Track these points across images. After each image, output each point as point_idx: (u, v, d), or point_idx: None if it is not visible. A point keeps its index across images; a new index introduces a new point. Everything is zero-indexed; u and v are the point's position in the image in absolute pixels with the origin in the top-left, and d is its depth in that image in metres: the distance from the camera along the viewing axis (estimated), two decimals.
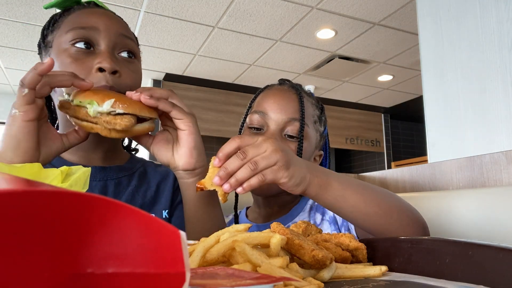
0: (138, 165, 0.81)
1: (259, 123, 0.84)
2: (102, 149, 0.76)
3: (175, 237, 0.19)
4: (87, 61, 0.67)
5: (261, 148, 0.56)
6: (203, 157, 0.67)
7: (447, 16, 1.82)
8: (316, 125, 0.91)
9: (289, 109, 0.84)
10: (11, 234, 0.16)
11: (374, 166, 6.23)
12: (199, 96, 4.93)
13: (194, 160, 0.65)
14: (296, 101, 0.86)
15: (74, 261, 0.18)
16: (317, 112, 0.92)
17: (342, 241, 0.45)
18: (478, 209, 0.93)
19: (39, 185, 0.21)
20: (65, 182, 0.41)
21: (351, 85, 4.97)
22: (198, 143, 0.65)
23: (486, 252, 0.34)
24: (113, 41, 0.71)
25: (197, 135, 0.64)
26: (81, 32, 0.69)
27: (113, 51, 0.71)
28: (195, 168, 0.66)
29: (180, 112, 0.62)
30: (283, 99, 0.86)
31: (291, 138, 0.83)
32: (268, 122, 0.84)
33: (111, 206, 0.18)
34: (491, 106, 1.59)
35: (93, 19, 0.71)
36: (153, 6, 3.07)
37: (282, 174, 0.56)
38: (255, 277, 0.25)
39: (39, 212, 0.17)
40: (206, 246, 0.34)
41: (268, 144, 0.57)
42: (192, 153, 0.64)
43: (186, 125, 0.63)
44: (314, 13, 3.19)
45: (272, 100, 0.86)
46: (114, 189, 0.74)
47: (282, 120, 0.83)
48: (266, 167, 0.55)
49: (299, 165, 0.59)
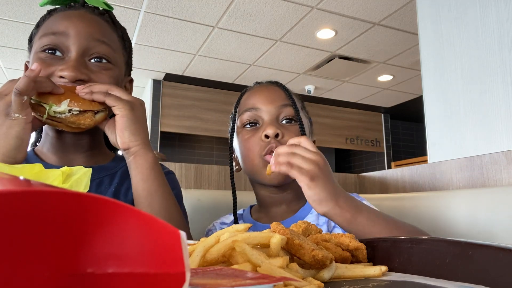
0: (121, 164, 0.81)
1: (252, 118, 0.86)
2: (82, 150, 0.77)
3: (175, 237, 0.19)
4: (52, 68, 0.69)
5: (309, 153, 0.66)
6: (137, 137, 0.69)
7: (447, 16, 1.82)
8: (304, 113, 0.92)
9: (278, 98, 0.87)
10: (11, 234, 0.16)
11: (374, 166, 6.23)
12: (199, 96, 4.93)
13: (126, 140, 0.69)
14: (280, 91, 0.89)
15: (74, 261, 0.18)
16: (300, 102, 0.94)
17: (342, 241, 0.45)
18: (478, 209, 0.93)
19: (39, 185, 0.21)
20: (65, 183, 0.41)
21: (351, 85, 4.98)
22: (129, 125, 0.68)
23: (486, 252, 0.34)
24: (83, 46, 0.70)
25: (128, 117, 0.68)
26: (51, 39, 0.70)
27: (82, 58, 0.70)
28: (128, 147, 0.69)
29: (113, 100, 0.67)
30: (269, 91, 0.89)
31: (289, 122, 0.86)
32: (261, 115, 0.85)
33: (111, 206, 0.18)
34: (491, 106, 1.59)
35: (65, 23, 0.71)
36: (153, 6, 3.07)
37: (304, 179, 0.63)
38: (255, 277, 0.25)
39: (39, 212, 0.17)
40: (206, 246, 0.34)
41: (318, 156, 0.66)
42: (124, 133, 0.68)
43: (119, 109, 0.67)
44: (314, 13, 3.19)
45: (258, 95, 0.88)
46: (95, 189, 0.75)
47: (274, 108, 0.85)
48: (299, 165, 0.64)
49: (325, 186, 0.64)
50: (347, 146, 5.87)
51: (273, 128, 0.81)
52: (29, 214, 0.16)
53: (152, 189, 0.70)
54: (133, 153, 0.70)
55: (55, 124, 0.67)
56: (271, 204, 0.89)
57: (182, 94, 4.85)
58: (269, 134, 0.81)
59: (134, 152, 0.70)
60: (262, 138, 0.82)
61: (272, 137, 0.81)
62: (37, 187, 0.17)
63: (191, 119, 4.86)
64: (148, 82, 4.79)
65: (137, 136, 0.69)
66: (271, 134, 0.81)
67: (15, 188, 0.16)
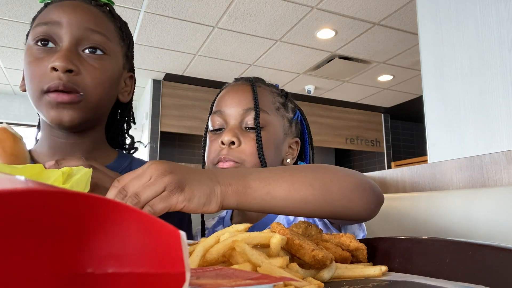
0: (125, 164, 0.80)
1: (218, 123, 0.83)
2: (82, 150, 0.75)
3: (175, 237, 0.19)
4: (45, 60, 0.66)
5: (143, 178, 0.49)
6: None
7: (447, 16, 1.82)
8: (280, 111, 0.87)
9: (243, 101, 0.82)
10: (11, 234, 0.16)
11: (374, 166, 6.23)
12: (199, 96, 4.93)
13: None
14: (249, 92, 0.83)
15: (74, 261, 0.18)
16: (279, 99, 0.89)
17: (343, 241, 0.45)
18: (478, 209, 0.93)
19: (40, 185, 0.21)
20: (66, 184, 0.41)
21: (351, 85, 4.97)
22: None
23: (486, 252, 0.34)
24: (76, 36, 0.67)
25: None
26: (43, 29, 0.67)
27: (75, 48, 0.68)
28: None
29: None
30: (237, 92, 0.85)
31: (251, 129, 0.81)
32: (226, 118, 0.82)
33: (111, 206, 0.18)
34: (491, 106, 1.59)
35: (58, 13, 0.68)
36: (153, 6, 3.07)
37: (176, 198, 0.48)
38: (255, 277, 0.25)
39: (39, 212, 0.17)
40: (206, 246, 0.34)
41: (152, 170, 0.49)
42: None
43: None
44: (314, 13, 3.19)
45: (226, 97, 0.85)
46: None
47: (238, 112, 0.81)
48: (153, 196, 0.47)
49: (199, 180, 0.51)
50: (347, 146, 5.87)
51: (228, 135, 0.78)
52: (29, 214, 0.16)
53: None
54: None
55: None
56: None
57: (182, 94, 4.85)
58: (224, 141, 0.78)
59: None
60: (220, 144, 0.79)
61: (227, 145, 0.78)
62: (37, 187, 0.17)
63: (191, 119, 4.86)
64: (148, 82, 4.79)
65: None
66: (226, 142, 0.78)
67: (15, 188, 0.16)
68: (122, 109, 0.88)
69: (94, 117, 0.73)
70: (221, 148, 0.79)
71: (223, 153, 0.78)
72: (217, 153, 0.79)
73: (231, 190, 0.53)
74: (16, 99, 5.20)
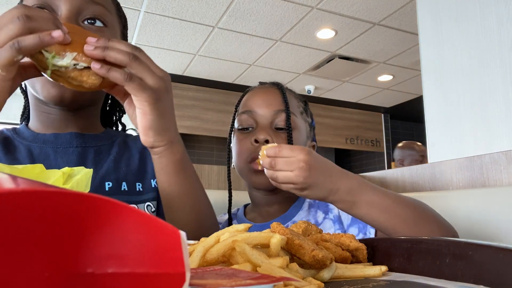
0: (116, 136, 0.79)
1: (248, 122, 0.87)
2: (75, 126, 0.73)
3: (175, 237, 0.19)
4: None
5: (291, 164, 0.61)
6: (164, 137, 0.59)
7: (447, 16, 1.82)
8: (303, 116, 0.92)
9: (274, 102, 0.87)
10: (11, 234, 0.16)
11: (374, 166, 6.23)
12: (199, 96, 4.93)
13: (151, 140, 0.58)
14: (279, 95, 0.88)
15: (74, 261, 0.18)
16: (301, 104, 0.94)
17: (343, 241, 0.45)
18: (478, 209, 0.93)
19: (40, 185, 0.21)
20: (66, 184, 0.41)
21: (351, 85, 4.97)
22: (155, 123, 0.57)
23: (486, 252, 0.34)
24: (76, 6, 0.65)
25: (153, 115, 0.55)
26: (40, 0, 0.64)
27: (75, 18, 0.65)
28: (153, 146, 0.60)
29: (134, 89, 0.53)
30: (267, 94, 0.89)
31: (280, 130, 0.85)
32: (257, 118, 0.86)
33: (111, 206, 0.18)
34: (491, 106, 1.59)
35: None
36: (153, 6, 3.07)
37: (293, 191, 0.63)
38: (255, 277, 0.25)
39: (39, 212, 0.17)
40: (206, 246, 0.34)
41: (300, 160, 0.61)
42: (148, 133, 0.58)
43: (141, 104, 0.54)
44: (314, 13, 3.19)
45: (256, 98, 0.89)
46: (94, 156, 0.72)
47: (269, 113, 0.85)
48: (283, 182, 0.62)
49: (321, 187, 0.62)
50: (347, 146, 5.87)
51: (263, 134, 0.82)
52: (29, 214, 0.16)
53: (181, 191, 0.63)
54: (158, 153, 0.61)
55: (55, 78, 0.53)
56: (264, 204, 0.90)
57: (182, 94, 4.85)
58: (259, 139, 0.82)
59: (159, 152, 0.61)
60: (252, 142, 0.83)
61: (262, 143, 0.82)
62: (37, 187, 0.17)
63: (191, 119, 4.86)
64: None
65: (163, 136, 0.59)
66: (261, 140, 0.82)
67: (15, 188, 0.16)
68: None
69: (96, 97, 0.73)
70: (254, 146, 0.83)
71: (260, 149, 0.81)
72: (250, 151, 0.83)
73: (340, 205, 0.64)
74: (16, 99, 5.18)
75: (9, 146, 0.70)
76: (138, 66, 0.53)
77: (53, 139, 0.71)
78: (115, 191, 0.70)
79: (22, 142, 0.71)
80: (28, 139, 0.71)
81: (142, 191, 0.74)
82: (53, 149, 0.70)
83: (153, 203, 0.74)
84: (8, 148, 0.69)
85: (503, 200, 0.90)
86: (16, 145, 0.70)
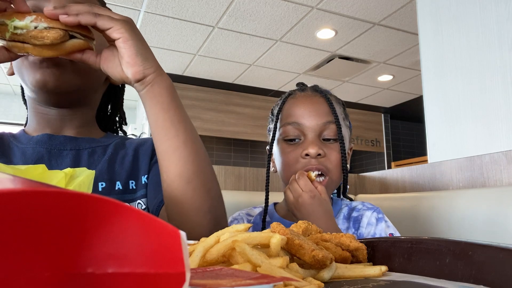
0: (114, 139, 0.79)
1: (295, 133, 0.86)
2: (71, 126, 0.74)
3: (175, 237, 0.19)
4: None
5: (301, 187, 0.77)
6: (152, 63, 0.60)
7: (447, 16, 1.82)
8: (345, 122, 0.92)
9: (321, 113, 0.86)
10: (11, 234, 0.16)
11: (374, 166, 6.23)
12: (199, 96, 4.93)
13: (141, 68, 0.58)
14: (325, 104, 0.87)
15: (74, 261, 0.18)
16: (342, 109, 0.94)
17: (343, 241, 0.45)
18: (478, 209, 0.93)
19: (40, 185, 0.21)
20: (69, 186, 0.41)
21: (351, 85, 4.98)
22: (139, 48, 0.57)
23: (486, 252, 0.34)
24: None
25: (134, 40, 0.56)
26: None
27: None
28: (144, 75, 0.59)
29: (106, 21, 0.54)
30: (313, 104, 0.87)
31: (327, 140, 0.86)
32: (304, 130, 0.85)
33: (111, 206, 0.18)
34: (491, 106, 1.59)
35: None
36: (153, 6, 3.07)
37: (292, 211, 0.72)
38: (255, 277, 0.25)
39: (39, 212, 0.17)
40: (206, 246, 0.34)
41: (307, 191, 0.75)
42: (136, 61, 0.57)
43: (118, 32, 0.55)
44: (314, 13, 3.19)
45: (302, 108, 0.87)
46: (87, 158, 0.72)
47: (317, 125, 0.85)
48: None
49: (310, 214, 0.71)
50: None
51: (315, 148, 0.82)
52: (30, 214, 0.16)
53: (175, 119, 0.61)
54: (149, 82, 0.59)
55: (21, 46, 0.53)
56: None
57: (182, 94, 4.84)
58: (310, 154, 0.82)
59: (150, 80, 0.59)
60: (303, 155, 0.83)
61: (313, 157, 0.82)
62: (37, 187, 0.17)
63: (191, 119, 4.81)
64: None
65: (151, 61, 0.59)
66: (313, 154, 0.82)
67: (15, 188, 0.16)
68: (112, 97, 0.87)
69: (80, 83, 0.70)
70: (305, 159, 0.83)
71: (313, 162, 0.83)
72: (302, 164, 0.84)
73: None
74: (16, 99, 5.20)
75: (3, 148, 0.70)
76: (101, 9, 0.55)
77: (47, 140, 0.71)
78: (108, 191, 0.70)
79: (18, 145, 0.71)
80: (23, 142, 0.72)
81: (135, 188, 0.74)
82: (47, 150, 0.70)
83: (143, 201, 0.74)
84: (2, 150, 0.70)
85: (503, 200, 0.90)
86: (11, 148, 0.71)
